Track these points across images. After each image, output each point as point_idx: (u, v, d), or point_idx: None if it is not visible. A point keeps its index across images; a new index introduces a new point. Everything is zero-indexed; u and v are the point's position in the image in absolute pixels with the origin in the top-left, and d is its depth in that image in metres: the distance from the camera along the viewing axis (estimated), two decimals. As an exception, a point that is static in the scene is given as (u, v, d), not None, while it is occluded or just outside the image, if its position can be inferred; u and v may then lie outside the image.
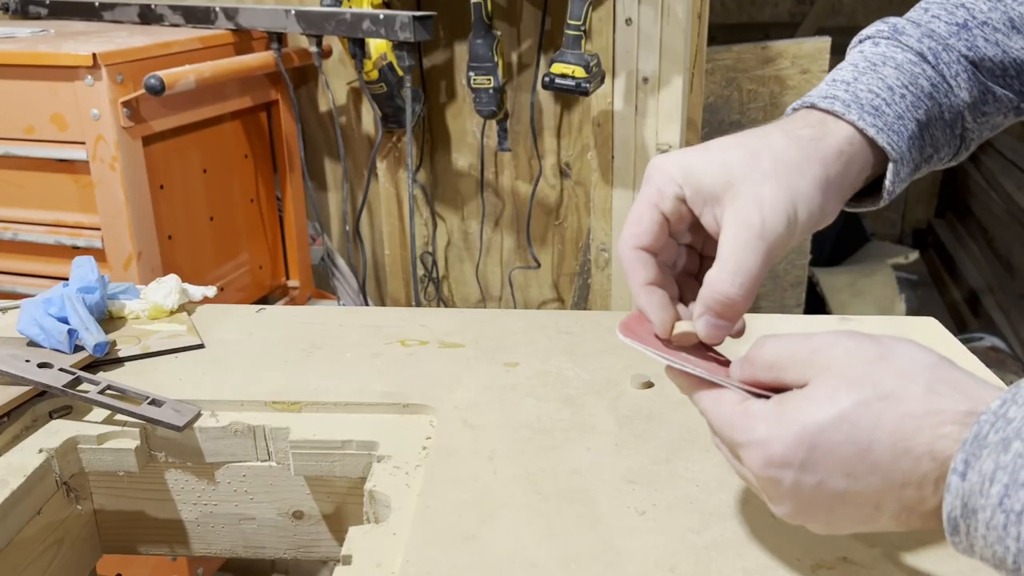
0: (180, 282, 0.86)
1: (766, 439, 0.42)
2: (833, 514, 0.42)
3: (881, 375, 0.40)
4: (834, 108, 0.51)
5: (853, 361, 0.41)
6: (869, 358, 0.41)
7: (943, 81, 0.53)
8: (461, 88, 1.81)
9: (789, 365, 0.43)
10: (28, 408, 0.69)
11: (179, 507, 0.71)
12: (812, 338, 0.44)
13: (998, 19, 0.55)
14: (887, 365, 0.41)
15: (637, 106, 1.64)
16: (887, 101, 0.51)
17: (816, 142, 0.50)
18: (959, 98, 0.54)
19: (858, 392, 0.40)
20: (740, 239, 0.47)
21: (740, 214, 0.47)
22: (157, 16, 1.67)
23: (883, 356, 0.41)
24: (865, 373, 0.41)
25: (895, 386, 0.40)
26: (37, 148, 1.38)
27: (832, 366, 0.41)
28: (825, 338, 0.43)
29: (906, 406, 0.39)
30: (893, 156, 0.51)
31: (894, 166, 0.51)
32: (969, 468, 0.37)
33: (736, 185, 0.48)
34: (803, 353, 0.43)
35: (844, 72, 0.54)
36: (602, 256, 1.78)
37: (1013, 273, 2.85)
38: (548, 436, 0.65)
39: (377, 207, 1.96)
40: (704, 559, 0.52)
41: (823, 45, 2.04)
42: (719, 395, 0.46)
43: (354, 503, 0.69)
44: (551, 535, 0.54)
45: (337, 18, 1.55)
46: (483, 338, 0.81)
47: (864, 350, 0.42)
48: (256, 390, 0.72)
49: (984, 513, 0.36)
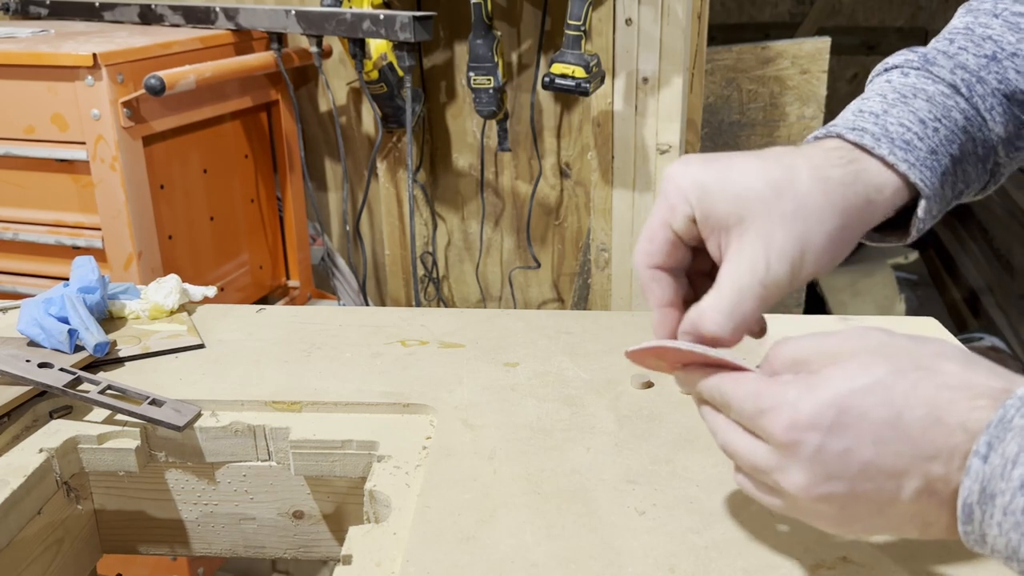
0: (180, 282, 0.87)
1: (796, 399, 0.41)
2: (853, 490, 0.40)
3: (917, 352, 0.40)
4: (863, 142, 0.49)
5: (887, 343, 0.41)
6: (903, 343, 0.41)
7: (977, 115, 0.51)
8: (461, 88, 1.81)
9: (815, 358, 0.43)
10: (28, 408, 0.69)
11: (179, 507, 0.71)
12: (838, 332, 0.43)
13: None
14: (922, 346, 0.41)
15: (637, 106, 1.64)
16: (919, 135, 0.49)
17: (844, 188, 0.48)
18: (993, 132, 0.52)
19: (895, 362, 0.40)
20: (741, 282, 0.46)
21: (745, 254, 0.46)
22: (157, 16, 1.67)
23: (916, 341, 0.41)
24: (900, 351, 0.40)
25: (931, 362, 0.40)
26: (37, 148, 1.38)
27: (865, 347, 0.41)
28: (854, 330, 0.43)
29: (942, 378, 0.39)
30: (926, 193, 0.49)
31: (926, 203, 0.49)
32: (992, 450, 0.36)
33: (748, 221, 0.47)
34: (830, 345, 0.42)
35: (872, 103, 0.52)
36: (602, 256, 1.78)
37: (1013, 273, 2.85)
38: (548, 436, 0.65)
39: (377, 207, 1.96)
40: (704, 559, 0.52)
41: (823, 45, 2.04)
42: (741, 374, 0.45)
43: (354, 503, 0.69)
44: (551, 535, 0.54)
45: (337, 18, 1.55)
46: (483, 338, 0.81)
47: (897, 337, 0.41)
48: (256, 390, 0.72)
49: (1003, 497, 0.35)
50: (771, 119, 2.07)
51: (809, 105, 2.05)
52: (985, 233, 3.19)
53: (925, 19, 3.64)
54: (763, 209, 0.46)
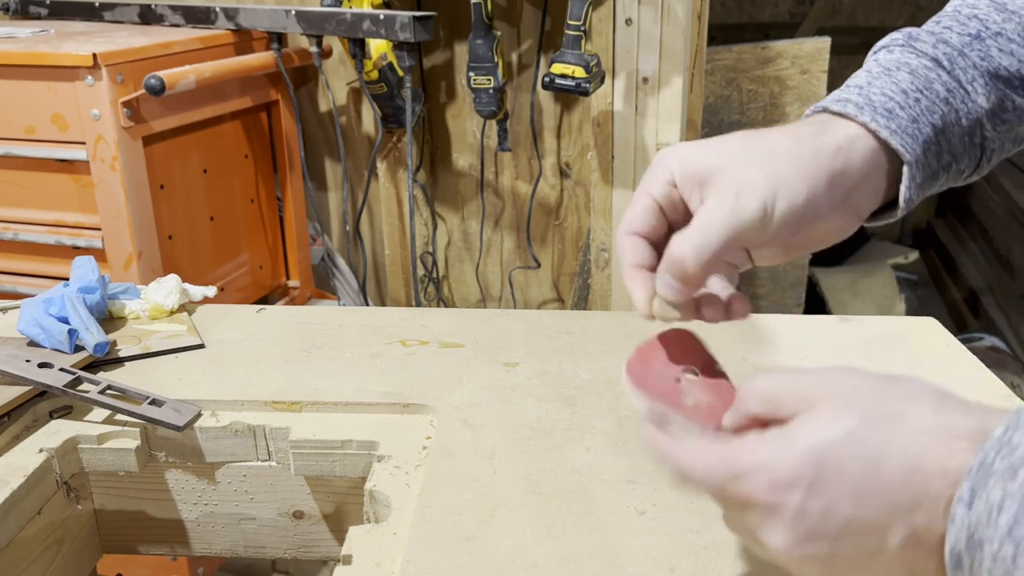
0: (180, 282, 0.87)
1: (771, 459, 0.40)
2: (836, 549, 0.39)
3: (887, 396, 0.40)
4: (846, 111, 0.51)
5: (857, 386, 0.40)
6: (873, 384, 0.40)
7: (959, 87, 0.52)
8: (461, 88, 1.81)
9: (787, 396, 0.42)
10: (28, 408, 0.69)
11: (179, 507, 0.71)
12: (811, 371, 0.43)
13: (1012, 29, 0.54)
14: (892, 388, 0.40)
15: (637, 106, 1.64)
16: (901, 104, 0.51)
17: (812, 138, 0.50)
18: (976, 104, 0.52)
19: (863, 410, 0.39)
20: (711, 215, 0.47)
21: (717, 191, 0.48)
22: (157, 16, 1.67)
23: (887, 381, 0.40)
24: (871, 395, 0.40)
25: (902, 406, 0.39)
26: (37, 148, 1.38)
27: (835, 392, 0.41)
28: (824, 370, 0.42)
29: (915, 422, 0.38)
30: (907, 158, 0.50)
31: (909, 170, 0.50)
32: (976, 497, 0.35)
33: (722, 168, 0.48)
34: (803, 385, 0.42)
35: (858, 78, 0.54)
36: (602, 256, 1.78)
37: (1013, 273, 2.85)
38: (548, 436, 0.65)
39: (377, 207, 1.96)
40: (704, 559, 0.52)
41: (823, 45, 2.04)
42: (706, 442, 0.44)
43: (354, 503, 0.69)
44: (551, 535, 0.54)
45: (337, 18, 1.55)
46: (483, 338, 0.81)
47: (866, 378, 0.41)
48: (256, 390, 0.72)
49: (991, 545, 0.35)
50: (771, 119, 2.07)
51: (809, 105, 2.05)
52: (985, 233, 3.19)
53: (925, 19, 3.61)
54: (735, 155, 0.48)
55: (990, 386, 0.72)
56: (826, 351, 0.78)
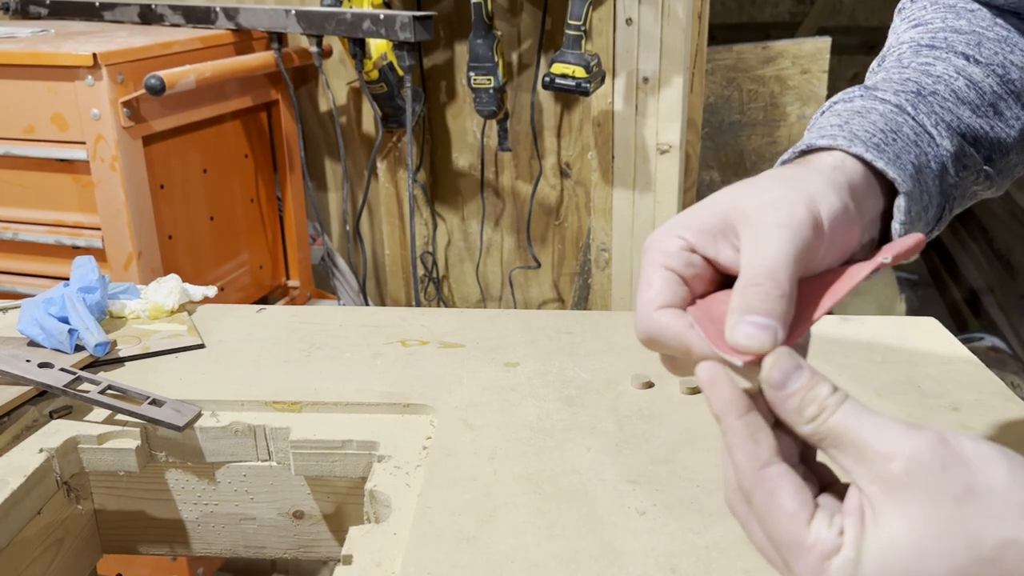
0: (180, 282, 0.86)
1: (828, 553, 0.37)
2: None
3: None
4: (836, 144, 0.47)
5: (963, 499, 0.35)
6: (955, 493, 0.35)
7: (924, 131, 0.51)
8: (461, 88, 1.81)
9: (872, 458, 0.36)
10: (28, 408, 0.69)
11: (179, 507, 0.71)
12: (917, 447, 0.36)
13: (944, 91, 0.53)
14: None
15: (637, 106, 1.64)
16: (884, 141, 0.48)
17: (805, 165, 0.47)
18: (942, 147, 0.51)
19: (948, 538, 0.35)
20: (762, 241, 0.41)
21: (754, 223, 0.42)
22: (157, 16, 1.67)
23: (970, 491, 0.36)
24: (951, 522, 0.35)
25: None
26: (37, 148, 1.38)
27: (932, 499, 0.35)
28: (932, 457, 0.36)
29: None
30: (904, 188, 0.47)
31: (906, 200, 0.47)
32: None
33: (743, 207, 0.42)
34: (898, 467, 0.36)
35: (829, 119, 0.50)
36: (602, 256, 1.78)
37: (1013, 273, 2.85)
38: (548, 436, 0.65)
39: (377, 207, 1.96)
40: (704, 559, 0.52)
41: (823, 45, 2.04)
42: (777, 487, 0.39)
43: (354, 503, 0.69)
44: (551, 535, 0.54)
45: (337, 18, 1.55)
46: (483, 338, 0.81)
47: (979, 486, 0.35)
48: (256, 390, 0.72)
49: None
50: (771, 119, 2.07)
51: (809, 105, 2.05)
52: (985, 233, 3.19)
53: (925, 19, 3.63)
54: (745, 192, 0.44)
55: (990, 386, 0.72)
56: (827, 351, 0.78)
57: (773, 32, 3.53)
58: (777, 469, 0.39)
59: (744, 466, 0.39)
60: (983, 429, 0.65)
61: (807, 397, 0.38)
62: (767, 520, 0.39)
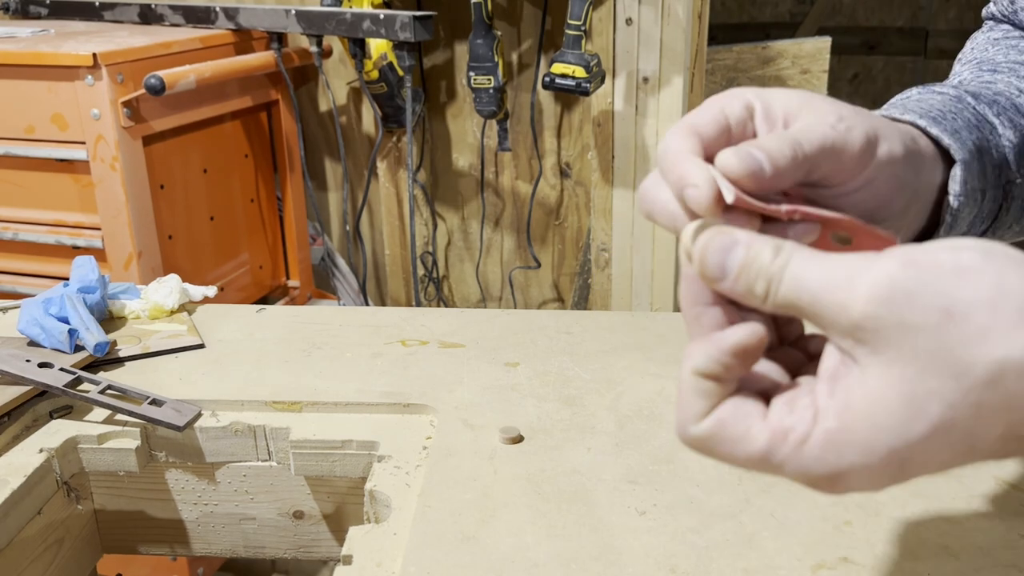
0: (180, 282, 0.86)
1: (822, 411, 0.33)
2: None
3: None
4: (889, 112, 0.46)
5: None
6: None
7: (985, 120, 0.48)
8: (461, 88, 1.81)
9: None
10: (28, 408, 0.69)
11: (179, 507, 0.71)
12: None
13: (1004, 101, 0.51)
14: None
15: (637, 106, 1.64)
16: (941, 115, 0.46)
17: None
18: (1004, 137, 0.48)
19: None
20: (810, 124, 0.39)
21: (815, 113, 0.40)
22: (157, 16, 1.67)
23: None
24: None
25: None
26: (37, 148, 1.38)
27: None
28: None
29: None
30: (959, 155, 0.44)
31: (962, 169, 0.44)
32: None
33: (814, 103, 0.40)
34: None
35: (883, 109, 0.48)
36: (602, 256, 1.78)
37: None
38: (548, 436, 0.65)
39: (377, 207, 1.96)
40: (704, 559, 0.52)
41: (823, 45, 2.04)
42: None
43: (354, 503, 0.69)
44: (551, 535, 0.54)
45: (337, 18, 1.55)
46: (483, 338, 0.81)
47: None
48: (256, 390, 0.72)
49: None
50: (771, 119, 2.07)
51: (809, 105, 2.05)
52: (985, 233, 3.19)
53: (925, 19, 3.64)
54: (824, 99, 0.41)
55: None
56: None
57: (773, 32, 3.53)
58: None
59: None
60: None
61: (751, 273, 0.34)
62: (724, 450, 0.35)
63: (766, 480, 0.59)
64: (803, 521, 0.55)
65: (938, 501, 0.56)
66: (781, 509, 0.56)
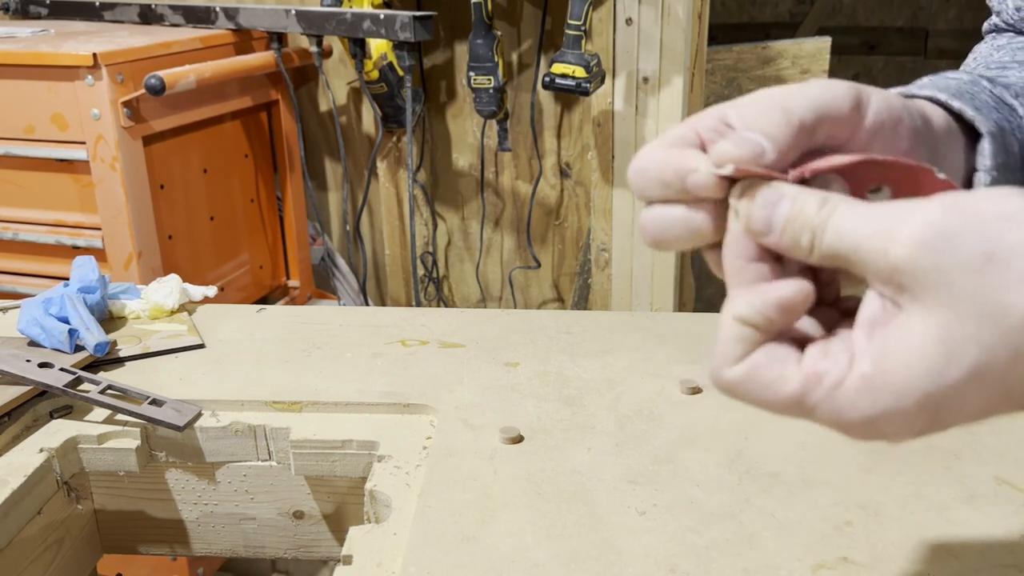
0: (180, 282, 0.87)
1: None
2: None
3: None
4: (907, 91, 0.44)
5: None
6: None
7: (1003, 102, 0.46)
8: (461, 88, 1.81)
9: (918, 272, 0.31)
10: (28, 408, 0.69)
11: (179, 507, 0.71)
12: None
13: (1019, 89, 0.49)
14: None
15: (637, 106, 1.64)
16: (960, 92, 0.44)
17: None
18: None
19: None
20: (792, 90, 0.38)
21: (787, 87, 0.39)
22: (157, 16, 1.67)
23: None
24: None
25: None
26: (37, 148, 1.38)
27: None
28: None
29: None
30: (985, 127, 0.42)
31: (991, 140, 0.43)
32: None
33: (776, 87, 0.39)
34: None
35: (900, 88, 0.46)
36: (602, 256, 1.78)
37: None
38: (548, 436, 0.65)
39: (377, 207, 1.96)
40: (704, 559, 0.52)
41: (823, 45, 2.04)
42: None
43: (354, 503, 0.69)
44: (551, 535, 0.54)
45: (337, 18, 1.55)
46: (483, 338, 0.81)
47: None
48: (256, 390, 0.72)
49: None
50: (771, 119, 2.07)
51: (809, 105, 2.05)
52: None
53: (925, 19, 3.64)
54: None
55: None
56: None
57: (773, 32, 3.53)
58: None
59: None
60: (983, 428, 0.65)
61: (796, 226, 0.34)
62: (759, 398, 0.35)
63: (766, 480, 0.59)
64: (803, 521, 0.55)
65: (938, 501, 0.56)
66: (781, 509, 0.56)
